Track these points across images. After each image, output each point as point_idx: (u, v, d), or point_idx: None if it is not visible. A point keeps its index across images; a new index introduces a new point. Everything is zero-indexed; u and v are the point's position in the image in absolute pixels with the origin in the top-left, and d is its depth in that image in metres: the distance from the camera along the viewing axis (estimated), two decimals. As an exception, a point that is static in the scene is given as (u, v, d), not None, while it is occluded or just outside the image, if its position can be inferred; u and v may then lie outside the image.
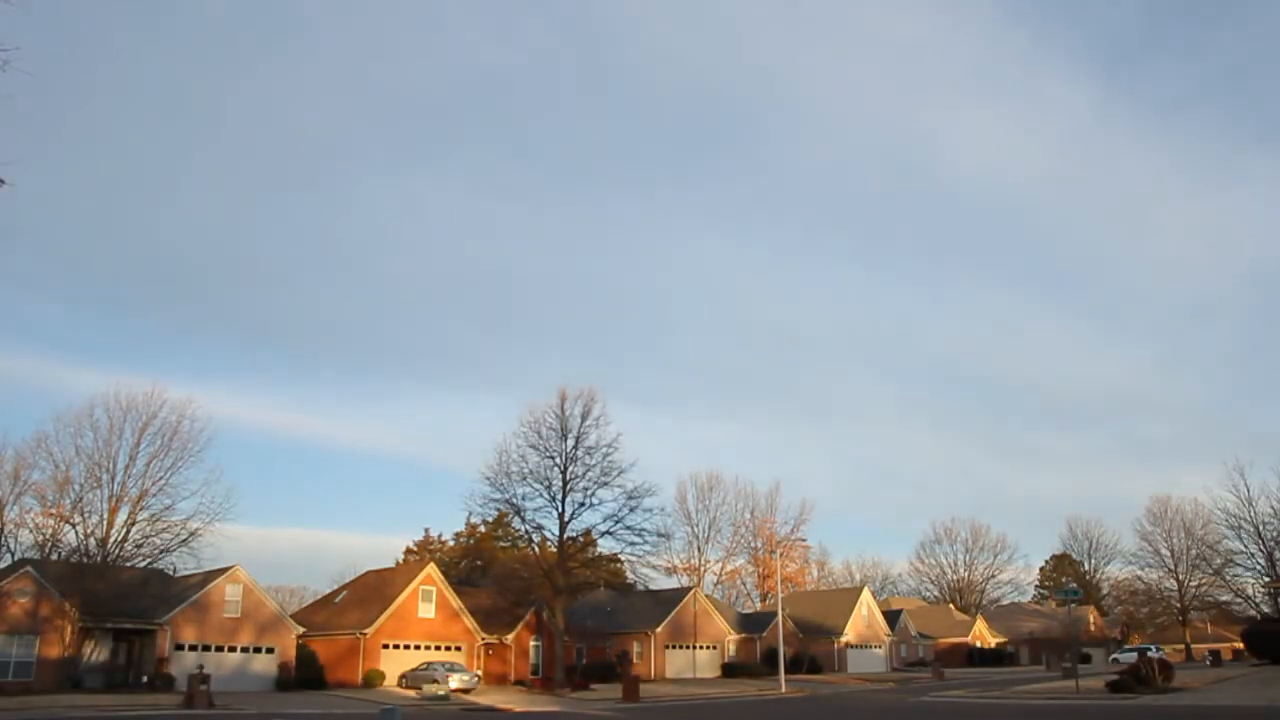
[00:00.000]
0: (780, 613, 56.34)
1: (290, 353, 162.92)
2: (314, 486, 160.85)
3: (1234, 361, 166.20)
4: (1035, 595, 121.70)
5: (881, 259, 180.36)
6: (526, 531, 56.67)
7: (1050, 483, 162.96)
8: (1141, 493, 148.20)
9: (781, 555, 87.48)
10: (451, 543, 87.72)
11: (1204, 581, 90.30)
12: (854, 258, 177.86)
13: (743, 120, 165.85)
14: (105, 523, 47.51)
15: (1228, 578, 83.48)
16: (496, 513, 61.44)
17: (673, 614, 64.01)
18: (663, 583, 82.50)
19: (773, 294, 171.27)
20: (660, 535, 55.41)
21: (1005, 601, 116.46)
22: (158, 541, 48.39)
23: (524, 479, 52.55)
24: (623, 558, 56.61)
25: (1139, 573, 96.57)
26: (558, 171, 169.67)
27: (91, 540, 47.01)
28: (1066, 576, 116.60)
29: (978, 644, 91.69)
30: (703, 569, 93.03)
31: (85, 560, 45.75)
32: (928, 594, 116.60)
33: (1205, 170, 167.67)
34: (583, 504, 52.61)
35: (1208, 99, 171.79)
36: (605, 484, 52.22)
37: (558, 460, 52.54)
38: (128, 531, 47.91)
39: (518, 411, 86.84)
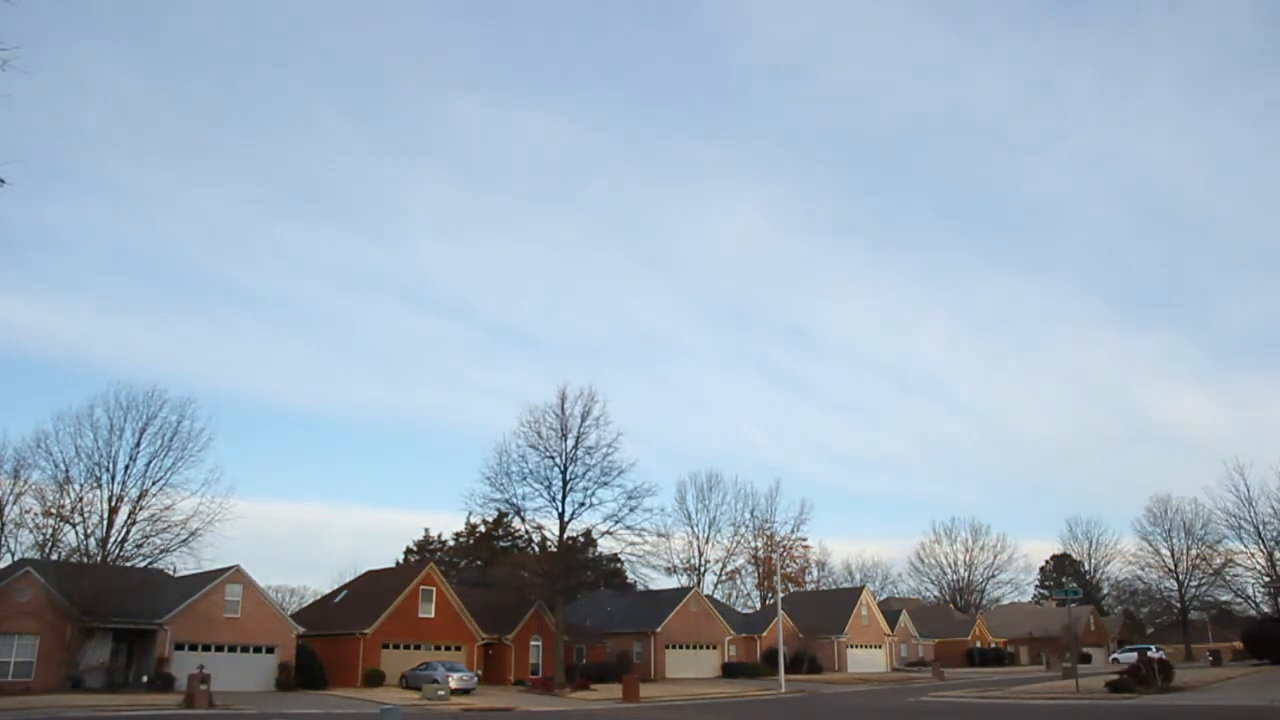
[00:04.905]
0: (780, 613, 56.38)
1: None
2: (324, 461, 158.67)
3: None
4: (1035, 595, 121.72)
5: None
6: (526, 531, 56.71)
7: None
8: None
9: (782, 555, 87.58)
10: (451, 543, 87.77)
11: (1204, 581, 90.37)
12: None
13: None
14: (105, 523, 47.61)
15: (1228, 578, 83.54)
16: (497, 513, 61.46)
17: (673, 614, 63.97)
18: (663, 583, 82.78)
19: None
20: (660, 535, 55.44)
21: (1005, 601, 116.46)
22: (158, 541, 48.57)
23: (524, 479, 52.56)
24: (622, 558, 56.62)
25: (1139, 573, 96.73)
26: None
27: (91, 540, 47.13)
28: (1066, 576, 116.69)
29: (978, 644, 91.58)
30: (703, 569, 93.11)
31: (85, 560, 45.78)
32: (928, 594, 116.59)
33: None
34: (583, 504, 52.60)
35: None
36: (605, 484, 52.24)
37: (558, 460, 52.52)
38: (128, 531, 48.04)
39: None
